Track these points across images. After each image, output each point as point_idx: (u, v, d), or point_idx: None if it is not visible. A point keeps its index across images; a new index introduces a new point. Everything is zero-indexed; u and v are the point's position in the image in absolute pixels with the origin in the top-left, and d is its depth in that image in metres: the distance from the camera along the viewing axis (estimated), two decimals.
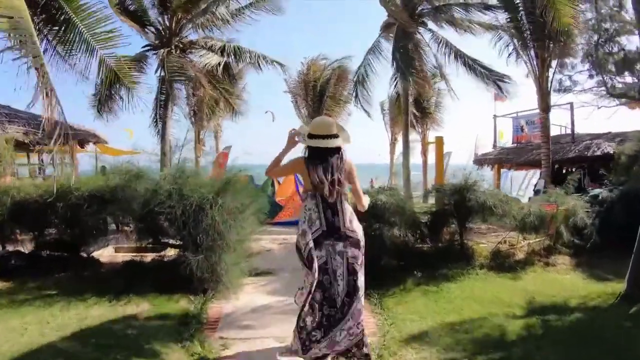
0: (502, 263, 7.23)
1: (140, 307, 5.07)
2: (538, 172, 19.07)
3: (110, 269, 6.58)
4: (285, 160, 3.76)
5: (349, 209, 3.59)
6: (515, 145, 21.56)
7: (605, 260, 7.17)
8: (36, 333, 4.32)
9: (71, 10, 8.55)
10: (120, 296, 5.27)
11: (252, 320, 4.82)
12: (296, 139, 3.68)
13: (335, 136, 3.55)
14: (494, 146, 22.84)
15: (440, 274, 6.32)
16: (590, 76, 23.63)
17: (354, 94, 16.31)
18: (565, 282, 6.70)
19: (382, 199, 5.66)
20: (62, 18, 8.65)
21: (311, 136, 3.56)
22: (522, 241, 8.17)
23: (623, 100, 23.47)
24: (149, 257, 6.56)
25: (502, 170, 24.11)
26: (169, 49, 14.14)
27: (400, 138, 25.65)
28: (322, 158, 3.50)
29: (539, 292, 5.97)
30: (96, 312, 4.92)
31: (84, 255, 6.99)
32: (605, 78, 23.21)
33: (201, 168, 12.56)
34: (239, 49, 14.77)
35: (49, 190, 6.09)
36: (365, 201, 3.90)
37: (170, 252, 6.28)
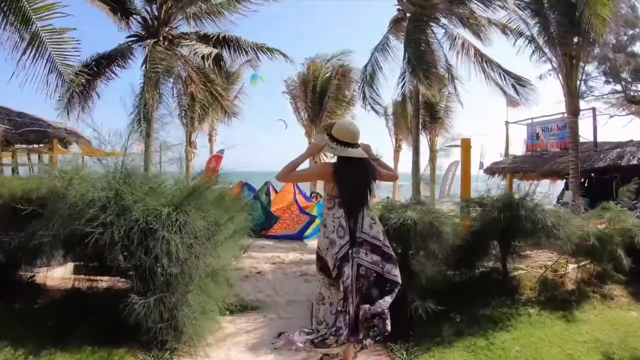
0: (552, 297, 5.72)
1: None
2: (562, 182, 17.75)
3: (49, 301, 5.02)
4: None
5: (369, 214, 3.42)
6: (530, 153, 20.18)
7: None
8: None
9: None
10: (42, 351, 3.71)
11: None
12: (325, 151, 3.57)
13: (359, 145, 3.48)
14: (506, 154, 21.41)
15: (483, 316, 4.78)
16: (607, 82, 22.52)
17: (361, 94, 14.83)
18: (637, 324, 5.27)
19: (411, 216, 4.12)
20: None
21: (340, 143, 3.39)
22: (567, 266, 6.69)
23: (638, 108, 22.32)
24: (108, 282, 5.02)
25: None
26: (156, 40, 12.64)
27: (404, 145, 24.23)
28: (354, 170, 3.38)
29: (616, 345, 4.49)
30: None
31: (24, 277, 5.43)
32: (623, 85, 22.03)
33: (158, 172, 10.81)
34: (235, 39, 13.28)
35: None
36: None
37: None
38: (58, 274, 6.06)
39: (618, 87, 22.11)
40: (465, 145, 8.27)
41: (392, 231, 4.08)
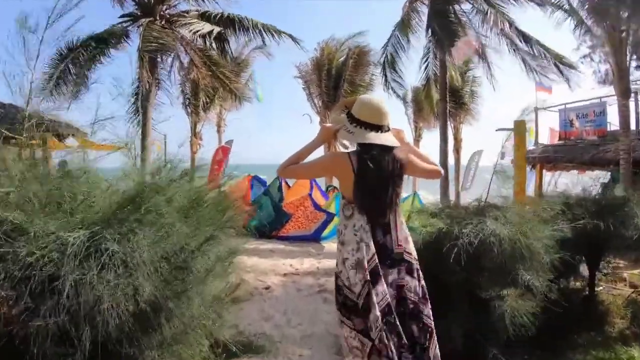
0: None
1: None
2: (591, 174, 16.28)
3: None
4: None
5: (404, 223, 2.47)
6: (563, 142, 18.63)
7: None
8: None
9: None
10: None
11: None
12: (339, 138, 2.59)
13: (388, 129, 2.42)
14: (535, 143, 19.85)
15: None
16: (637, 67, 20.85)
17: (383, 78, 13.44)
18: None
19: (496, 230, 2.69)
20: None
21: (362, 124, 2.37)
22: None
23: None
24: None
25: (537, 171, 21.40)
26: (151, 18, 11.33)
27: (425, 134, 22.68)
28: (379, 162, 2.33)
29: None
30: None
31: None
32: None
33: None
34: (239, 20, 11.90)
35: None
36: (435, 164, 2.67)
37: None
38: None
39: None
40: (520, 128, 6.89)
41: (463, 255, 2.72)
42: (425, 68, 14.04)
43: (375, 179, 2.31)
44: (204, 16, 11.66)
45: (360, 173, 2.32)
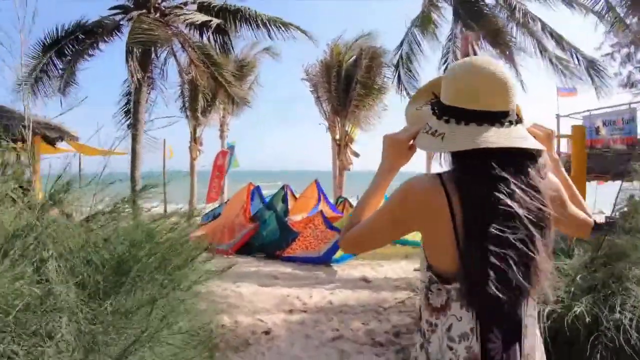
0: None
1: None
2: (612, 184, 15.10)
3: None
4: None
5: (535, 316, 1.21)
6: (587, 151, 17.36)
7: None
8: None
9: None
10: None
11: None
12: (422, 148, 1.26)
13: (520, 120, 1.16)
14: (557, 152, 18.57)
15: None
16: None
17: (396, 77, 12.22)
18: None
19: None
20: None
21: (460, 115, 1.13)
22: None
23: None
24: None
25: None
26: (143, 11, 10.21)
27: None
28: (509, 192, 1.06)
29: None
30: None
31: None
32: None
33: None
34: (241, 11, 10.72)
35: None
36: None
37: None
38: None
39: None
40: (579, 134, 5.72)
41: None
42: (446, 69, 12.86)
43: (504, 228, 1.05)
44: (203, 8, 10.51)
45: (470, 219, 1.09)
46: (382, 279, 6.90)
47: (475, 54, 10.37)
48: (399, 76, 12.14)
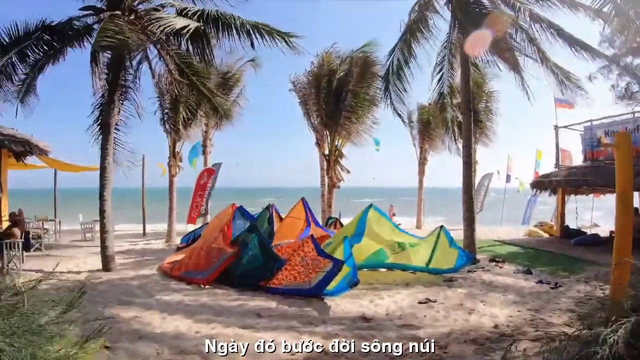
0: None
1: None
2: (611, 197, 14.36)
3: None
4: None
5: None
6: (588, 163, 16.71)
7: None
8: None
9: None
10: None
11: None
12: None
13: None
14: (556, 165, 17.94)
15: None
16: None
17: (384, 87, 11.29)
18: None
19: None
20: None
21: None
22: None
23: None
24: None
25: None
26: (117, 12, 9.23)
27: (430, 157, 20.39)
28: None
29: None
30: None
31: None
32: None
33: None
34: (222, 17, 9.76)
35: None
36: None
37: None
38: None
39: None
40: (624, 141, 4.85)
41: None
42: (440, 78, 11.97)
43: None
44: (182, 13, 9.53)
45: None
46: (384, 316, 5.89)
47: None
48: (386, 87, 11.18)
